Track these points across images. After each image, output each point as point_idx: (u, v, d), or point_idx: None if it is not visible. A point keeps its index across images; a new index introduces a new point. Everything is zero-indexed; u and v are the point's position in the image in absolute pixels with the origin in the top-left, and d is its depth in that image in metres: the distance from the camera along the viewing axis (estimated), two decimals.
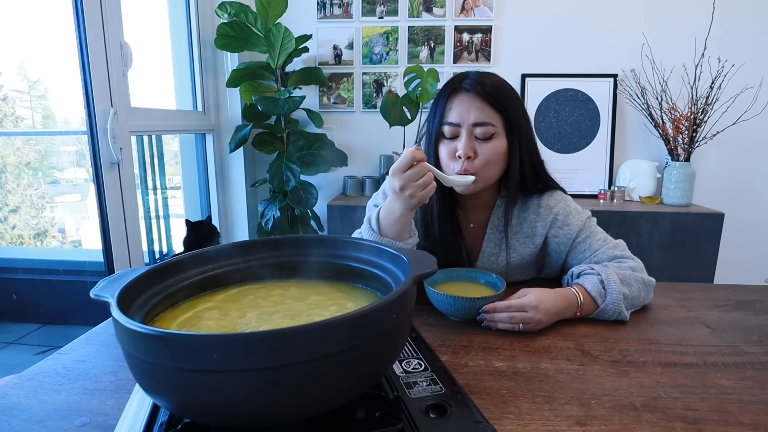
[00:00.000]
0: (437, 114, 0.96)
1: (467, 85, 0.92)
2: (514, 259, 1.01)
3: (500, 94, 0.92)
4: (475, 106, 0.91)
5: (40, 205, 2.00)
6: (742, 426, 0.52)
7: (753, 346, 0.73)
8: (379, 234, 0.89)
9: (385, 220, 0.88)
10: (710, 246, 1.98)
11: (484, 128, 0.91)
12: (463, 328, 0.77)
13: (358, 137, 2.41)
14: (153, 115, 1.84)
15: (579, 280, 0.86)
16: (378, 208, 0.92)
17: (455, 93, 0.94)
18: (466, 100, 0.92)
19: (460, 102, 0.92)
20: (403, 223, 0.86)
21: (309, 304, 0.56)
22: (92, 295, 0.47)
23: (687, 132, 2.05)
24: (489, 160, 0.92)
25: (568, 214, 0.97)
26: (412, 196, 0.81)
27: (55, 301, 2.02)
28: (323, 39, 2.34)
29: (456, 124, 0.92)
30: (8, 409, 0.55)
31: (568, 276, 0.93)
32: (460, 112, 0.92)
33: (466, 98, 0.92)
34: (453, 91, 0.94)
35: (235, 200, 2.41)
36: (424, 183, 0.81)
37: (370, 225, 0.90)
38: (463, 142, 0.91)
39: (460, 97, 0.93)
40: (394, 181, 0.82)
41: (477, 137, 0.92)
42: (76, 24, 1.42)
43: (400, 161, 0.81)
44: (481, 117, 0.91)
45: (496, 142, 0.92)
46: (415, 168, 0.80)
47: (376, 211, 0.91)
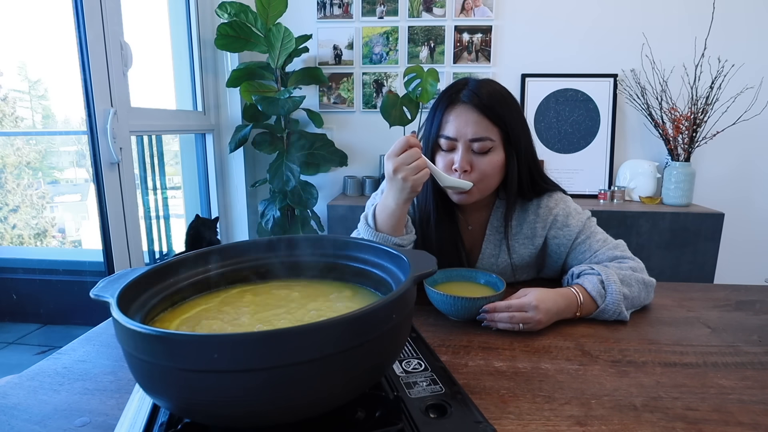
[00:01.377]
0: (434, 125, 0.95)
1: (464, 98, 0.91)
2: (515, 260, 1.01)
3: (498, 105, 0.91)
4: (473, 121, 0.90)
5: (40, 205, 2.00)
6: (742, 426, 0.52)
7: (753, 346, 0.73)
8: (375, 230, 0.89)
9: (380, 215, 0.89)
10: (710, 246, 1.98)
11: (481, 143, 0.90)
12: (463, 328, 0.77)
13: (358, 137, 2.41)
14: (153, 115, 1.84)
15: (579, 280, 0.86)
16: (374, 205, 0.92)
17: (453, 105, 0.92)
18: (464, 113, 0.91)
19: (458, 115, 0.91)
20: (398, 217, 0.87)
21: (309, 304, 0.56)
22: (92, 295, 0.47)
23: (687, 132, 2.05)
24: (485, 174, 0.92)
25: (567, 215, 0.97)
26: (405, 179, 0.81)
27: (55, 301, 2.02)
28: (323, 39, 2.34)
29: (453, 138, 0.91)
30: (8, 409, 0.55)
31: (568, 276, 0.93)
32: (457, 126, 0.91)
33: (463, 111, 0.91)
34: (450, 103, 0.93)
35: (235, 200, 2.41)
36: (417, 166, 0.81)
37: (367, 221, 0.91)
38: (460, 155, 0.91)
39: (458, 109, 0.91)
40: (387, 164, 0.83)
41: (474, 151, 0.91)
42: (76, 24, 1.42)
43: (395, 145, 0.82)
44: (479, 132, 0.90)
45: (494, 155, 0.92)
46: (409, 151, 0.81)
47: (373, 207, 0.92)
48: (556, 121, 2.29)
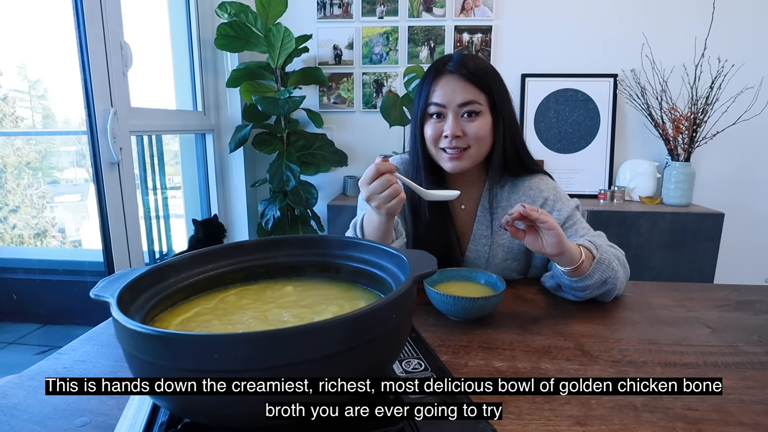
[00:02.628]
0: (422, 96, 0.98)
1: (451, 67, 0.94)
2: (504, 240, 1.03)
3: (483, 74, 0.95)
4: (460, 87, 0.93)
5: (40, 205, 2.00)
6: (742, 426, 0.52)
7: (753, 346, 0.72)
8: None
9: (367, 227, 0.90)
10: (710, 246, 1.98)
11: (470, 106, 0.93)
12: (463, 328, 0.77)
13: (358, 137, 2.41)
14: (153, 115, 1.84)
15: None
16: (363, 213, 0.93)
17: (440, 75, 0.96)
18: (451, 81, 0.94)
19: (445, 83, 0.95)
20: (383, 231, 0.87)
21: (309, 305, 0.56)
22: (92, 295, 0.47)
23: (687, 132, 2.05)
24: (477, 137, 0.95)
25: (557, 200, 1.00)
26: (378, 207, 0.82)
27: (55, 301, 2.02)
28: (323, 39, 2.34)
29: (442, 105, 0.94)
30: (8, 409, 0.55)
31: (548, 276, 0.95)
32: (445, 93, 0.94)
33: (451, 80, 0.94)
34: (438, 74, 0.96)
35: (235, 200, 2.41)
36: (388, 195, 0.80)
37: (355, 230, 0.92)
38: (450, 122, 0.93)
39: (445, 78, 0.95)
40: (362, 191, 0.83)
41: (463, 117, 0.94)
42: (76, 24, 1.42)
43: (366, 173, 0.81)
44: (467, 96, 0.93)
45: (482, 120, 0.95)
46: (379, 180, 0.80)
47: (361, 216, 0.93)
48: (556, 121, 2.29)
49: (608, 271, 0.83)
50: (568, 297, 0.90)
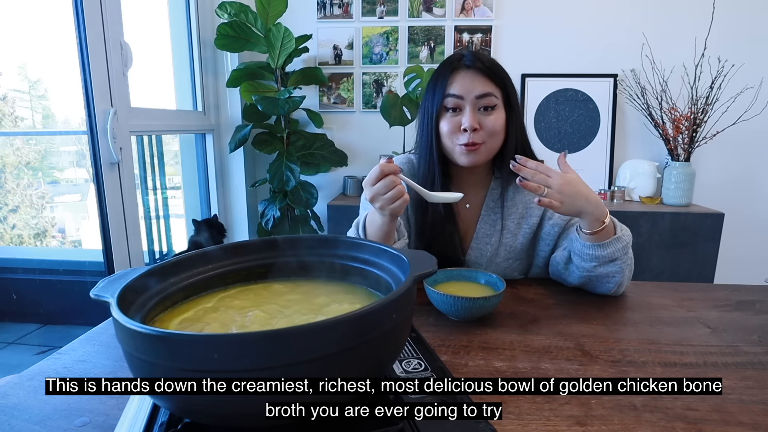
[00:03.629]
0: (438, 90, 0.98)
1: (467, 62, 0.96)
2: (507, 239, 1.03)
3: (498, 69, 0.97)
4: (478, 80, 0.95)
5: (40, 205, 2.00)
6: (742, 426, 0.52)
7: (753, 346, 0.72)
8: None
9: (369, 228, 0.90)
10: (710, 246, 1.98)
11: (487, 99, 0.94)
12: (463, 328, 0.77)
13: (358, 137, 2.41)
14: (153, 115, 1.84)
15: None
16: (365, 213, 0.93)
17: (456, 70, 0.97)
18: (469, 75, 0.95)
19: (463, 77, 0.95)
20: (385, 231, 0.87)
21: (309, 304, 0.56)
22: (92, 295, 0.47)
23: (687, 132, 2.05)
24: (493, 132, 0.96)
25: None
26: (382, 208, 0.82)
27: (55, 301, 2.02)
28: (323, 39, 2.34)
29: (459, 96, 0.95)
30: (8, 409, 0.55)
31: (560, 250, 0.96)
32: (463, 86, 0.95)
33: (468, 74, 0.95)
34: (454, 69, 0.97)
35: (235, 200, 2.41)
36: (392, 197, 0.80)
37: (357, 230, 0.92)
38: (468, 115, 0.94)
39: (462, 73, 0.96)
40: (366, 191, 0.83)
41: (479, 111, 0.95)
42: (76, 24, 1.42)
43: (370, 174, 0.81)
44: (486, 88, 0.94)
45: (497, 114, 0.96)
46: (383, 181, 0.80)
47: (363, 216, 0.93)
48: (556, 121, 2.29)
49: (621, 252, 0.85)
50: (571, 272, 0.91)
